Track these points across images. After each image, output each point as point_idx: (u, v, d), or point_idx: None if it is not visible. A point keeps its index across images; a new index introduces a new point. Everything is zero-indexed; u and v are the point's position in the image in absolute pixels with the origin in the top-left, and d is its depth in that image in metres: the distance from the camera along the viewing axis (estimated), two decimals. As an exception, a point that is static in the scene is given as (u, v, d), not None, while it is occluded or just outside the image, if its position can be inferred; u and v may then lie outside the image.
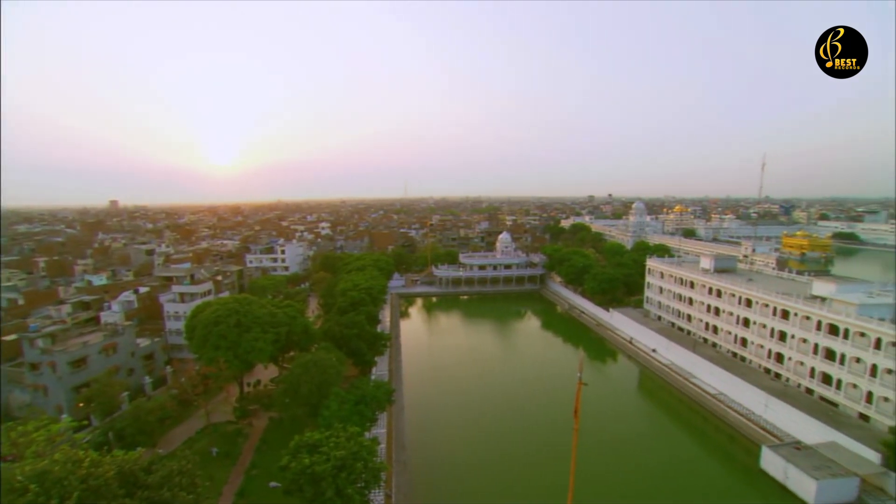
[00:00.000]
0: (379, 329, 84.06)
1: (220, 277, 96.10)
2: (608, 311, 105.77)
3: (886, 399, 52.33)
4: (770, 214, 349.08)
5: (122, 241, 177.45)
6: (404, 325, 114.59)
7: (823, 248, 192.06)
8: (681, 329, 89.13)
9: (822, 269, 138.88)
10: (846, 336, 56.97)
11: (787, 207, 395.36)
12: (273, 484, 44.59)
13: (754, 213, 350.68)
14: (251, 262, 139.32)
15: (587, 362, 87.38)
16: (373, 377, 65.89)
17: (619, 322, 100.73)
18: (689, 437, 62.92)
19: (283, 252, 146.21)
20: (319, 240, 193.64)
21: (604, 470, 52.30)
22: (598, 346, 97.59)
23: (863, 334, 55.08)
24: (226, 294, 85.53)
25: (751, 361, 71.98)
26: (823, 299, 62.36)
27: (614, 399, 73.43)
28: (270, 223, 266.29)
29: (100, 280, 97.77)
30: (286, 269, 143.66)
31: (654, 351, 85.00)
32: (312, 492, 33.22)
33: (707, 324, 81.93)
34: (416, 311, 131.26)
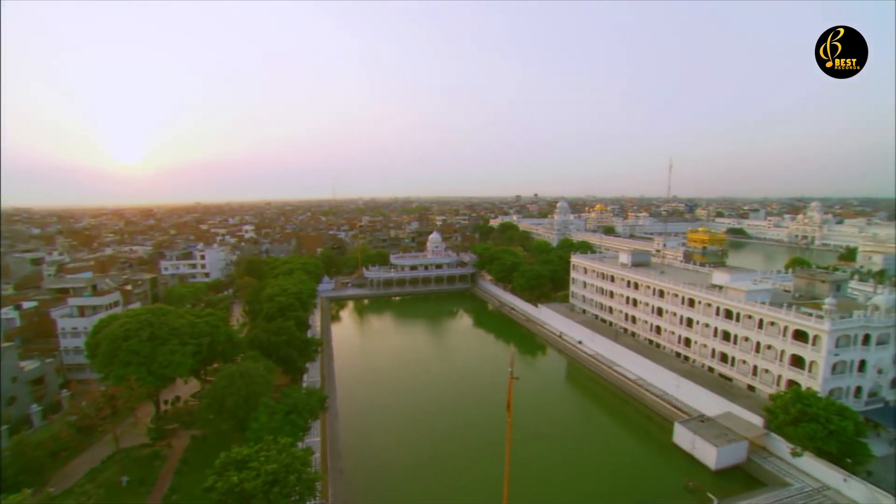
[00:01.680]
0: (309, 334, 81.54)
1: (129, 287, 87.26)
2: (537, 306, 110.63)
3: (767, 371, 60.34)
4: (677, 212, 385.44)
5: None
6: (335, 329, 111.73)
7: (720, 242, 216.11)
8: (604, 321, 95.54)
9: (719, 261, 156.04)
10: (738, 319, 64.68)
11: (691, 206, 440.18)
12: (196, 508, 41.33)
13: (664, 211, 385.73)
14: (166, 269, 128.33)
15: (518, 357, 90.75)
16: (304, 385, 63.78)
17: (548, 317, 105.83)
18: (613, 421, 67.82)
19: (202, 257, 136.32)
20: (243, 243, 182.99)
21: (537, 459, 54.62)
22: (529, 340, 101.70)
23: (750, 316, 62.91)
24: (137, 305, 77.77)
25: (664, 347, 79.00)
26: (721, 287, 70.19)
27: (545, 391, 76.95)
28: (188, 227, 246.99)
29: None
30: (207, 275, 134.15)
31: (580, 343, 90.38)
32: (241, 511, 31.35)
33: (627, 315, 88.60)
34: (347, 315, 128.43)
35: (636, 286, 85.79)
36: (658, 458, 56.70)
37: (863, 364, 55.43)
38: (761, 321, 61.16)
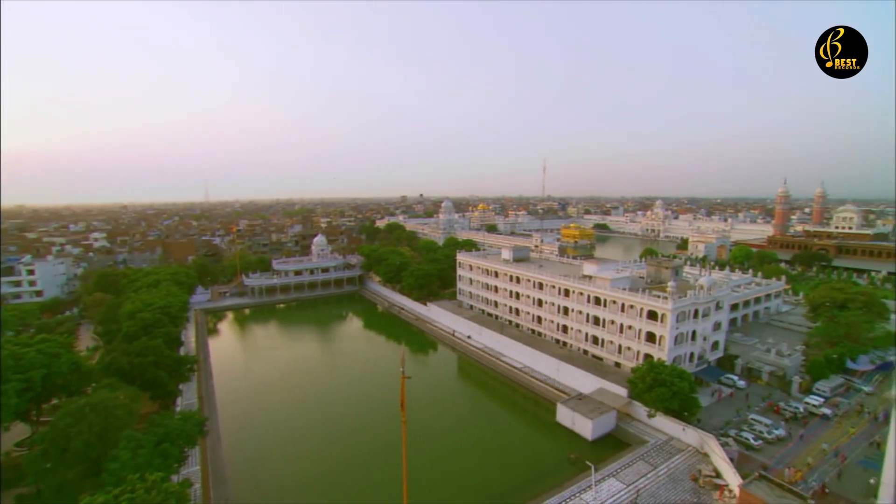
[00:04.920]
0: (182, 352, 72.97)
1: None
2: (426, 305, 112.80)
3: (629, 348, 69.85)
4: (552, 210, 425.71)
5: None
6: (213, 343, 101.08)
7: (589, 236, 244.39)
8: (490, 315, 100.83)
9: (588, 254, 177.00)
10: (605, 304, 73.60)
11: (563, 204, 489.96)
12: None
13: (540, 209, 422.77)
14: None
15: (410, 356, 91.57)
16: (178, 409, 56.79)
17: (437, 315, 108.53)
18: (503, 408, 72.28)
19: (31, 272, 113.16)
20: (91, 254, 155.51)
21: (434, 453, 55.99)
22: (419, 339, 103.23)
23: (614, 302, 72.10)
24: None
25: (545, 335, 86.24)
26: (590, 277, 79.12)
27: (437, 387, 78.99)
28: (5, 235, 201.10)
29: None
30: (39, 294, 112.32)
31: (469, 337, 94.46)
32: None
33: (511, 308, 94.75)
34: (226, 327, 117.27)
35: (518, 280, 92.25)
36: (544, 437, 62.00)
37: (694, 334, 67.27)
38: (623, 305, 70.41)
